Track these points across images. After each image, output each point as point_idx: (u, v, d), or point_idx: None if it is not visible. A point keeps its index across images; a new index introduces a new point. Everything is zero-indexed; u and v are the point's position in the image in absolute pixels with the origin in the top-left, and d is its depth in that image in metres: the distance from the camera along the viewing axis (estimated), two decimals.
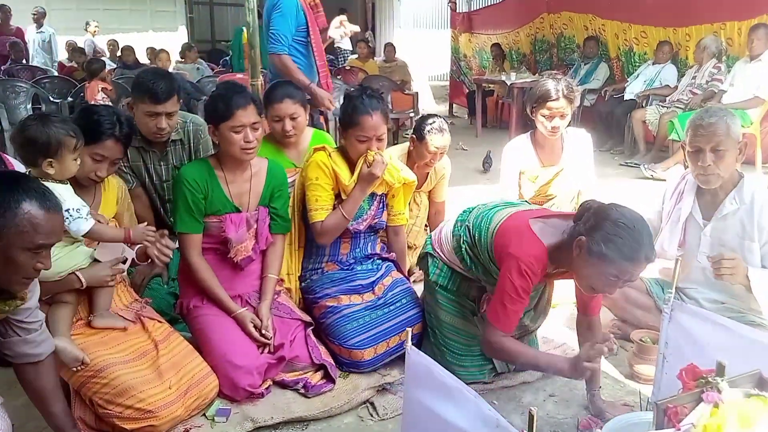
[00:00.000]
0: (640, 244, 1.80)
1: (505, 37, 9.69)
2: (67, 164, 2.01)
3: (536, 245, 1.99)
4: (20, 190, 1.53)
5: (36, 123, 1.98)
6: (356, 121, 2.46)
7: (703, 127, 2.30)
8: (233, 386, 2.25)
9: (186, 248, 2.37)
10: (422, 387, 1.55)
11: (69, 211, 1.96)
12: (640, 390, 2.32)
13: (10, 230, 1.50)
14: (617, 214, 1.82)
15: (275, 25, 3.57)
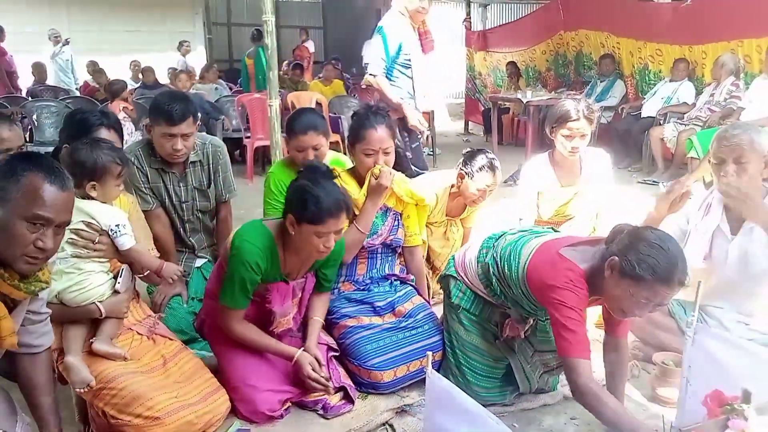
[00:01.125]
0: (674, 265, 1.77)
1: (520, 54, 9.72)
2: (109, 189, 2.13)
3: (575, 271, 1.95)
4: (30, 161, 1.56)
5: (86, 147, 2.11)
6: (362, 136, 2.53)
7: (727, 138, 2.32)
8: (253, 410, 2.26)
9: (229, 320, 2.26)
10: (443, 411, 1.54)
11: (118, 226, 2.08)
12: (663, 414, 2.28)
13: (11, 194, 1.51)
14: (652, 235, 1.82)
15: (373, 49, 3.88)
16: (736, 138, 2.29)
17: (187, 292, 2.87)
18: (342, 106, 7.57)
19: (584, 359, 1.92)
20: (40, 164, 1.57)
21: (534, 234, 2.26)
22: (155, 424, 2.01)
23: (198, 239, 2.99)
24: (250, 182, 6.49)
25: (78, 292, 2.07)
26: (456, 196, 3.19)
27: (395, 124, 2.65)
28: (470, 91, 10.88)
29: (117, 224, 2.09)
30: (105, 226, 2.08)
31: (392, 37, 3.83)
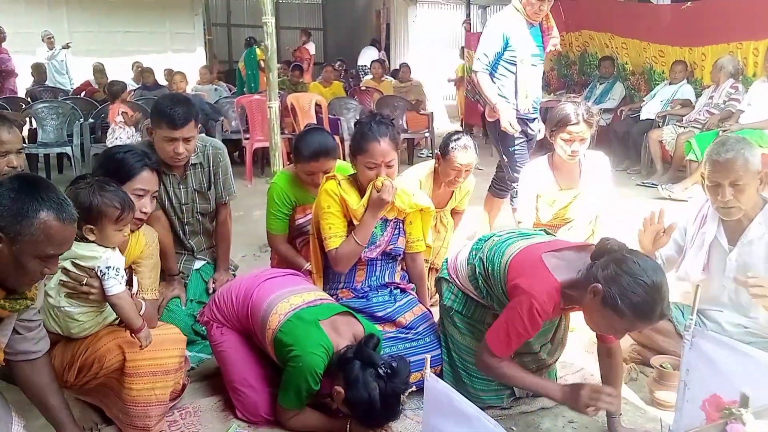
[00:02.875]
0: (656, 303, 1.73)
1: None
2: (107, 234, 2.00)
3: (550, 282, 1.93)
4: (40, 197, 1.54)
5: (86, 188, 1.99)
6: (365, 148, 2.43)
7: (720, 163, 2.26)
8: (252, 412, 2.26)
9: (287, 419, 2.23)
10: (441, 414, 1.54)
11: (110, 269, 1.98)
12: (660, 417, 2.29)
13: (25, 238, 1.52)
14: (638, 269, 1.73)
15: (480, 44, 3.84)
16: (730, 162, 2.24)
17: (186, 295, 2.87)
18: (341, 108, 7.58)
19: (500, 357, 2.03)
20: (49, 199, 1.56)
21: (522, 236, 2.25)
22: None
23: (197, 241, 2.99)
24: (249, 184, 6.49)
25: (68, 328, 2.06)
26: (440, 183, 3.19)
27: (398, 136, 2.56)
28: (470, 92, 10.88)
29: (108, 266, 1.97)
30: (95, 265, 1.98)
31: (498, 31, 3.74)
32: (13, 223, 1.50)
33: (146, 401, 2.10)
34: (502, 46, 3.75)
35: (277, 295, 2.24)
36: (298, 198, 2.90)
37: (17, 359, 1.82)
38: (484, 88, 3.79)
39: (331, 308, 2.26)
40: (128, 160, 2.25)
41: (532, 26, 3.79)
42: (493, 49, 3.75)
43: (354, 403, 2.04)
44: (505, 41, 3.73)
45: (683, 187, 5.57)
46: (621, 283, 1.72)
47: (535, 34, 3.81)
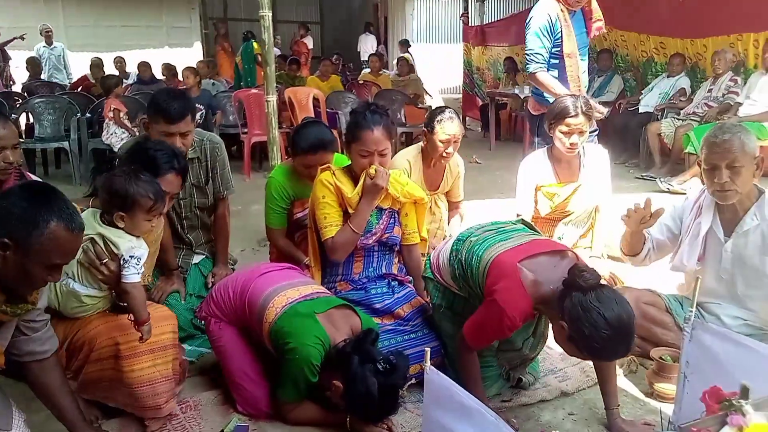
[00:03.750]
0: (616, 349, 1.85)
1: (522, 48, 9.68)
2: (138, 223, 2.07)
3: (522, 299, 1.98)
4: (50, 208, 1.55)
5: (122, 176, 2.05)
6: (358, 136, 2.46)
7: (717, 144, 2.27)
8: (253, 406, 2.27)
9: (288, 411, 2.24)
10: (441, 407, 1.54)
11: (132, 257, 2.03)
12: (660, 408, 2.29)
13: (34, 247, 1.53)
14: (600, 321, 1.77)
15: (527, 44, 3.61)
16: (728, 143, 2.25)
17: (185, 289, 2.87)
18: (339, 102, 7.56)
19: (473, 348, 2.14)
20: (60, 210, 1.57)
21: (500, 234, 2.24)
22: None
23: (196, 236, 2.98)
24: (248, 178, 6.48)
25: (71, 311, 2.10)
26: (429, 162, 3.18)
27: (392, 126, 2.56)
28: (468, 86, 10.87)
29: (132, 255, 2.04)
30: (120, 252, 2.04)
31: (543, 26, 3.54)
32: (23, 231, 1.51)
33: (151, 379, 2.12)
34: (551, 40, 3.56)
35: (274, 289, 2.24)
36: (296, 192, 2.89)
37: (25, 360, 1.82)
38: (546, 84, 3.55)
39: (328, 301, 2.26)
40: (158, 159, 2.28)
41: (573, 13, 3.57)
42: (544, 44, 3.55)
43: (353, 398, 2.04)
44: (552, 35, 3.56)
45: (682, 180, 5.57)
46: (583, 331, 1.80)
47: (576, 21, 3.60)
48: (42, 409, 1.98)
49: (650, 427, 2.15)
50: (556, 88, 3.52)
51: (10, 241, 1.49)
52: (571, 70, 3.58)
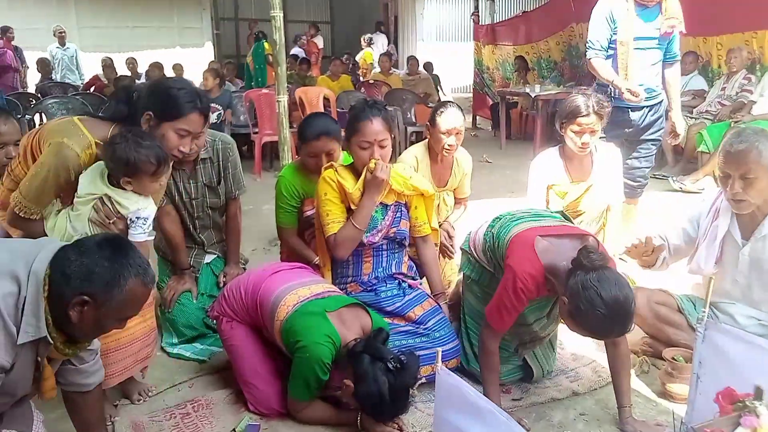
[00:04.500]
0: (610, 328, 1.91)
1: (531, 47, 9.67)
2: (144, 185, 2.10)
3: (534, 264, 2.07)
4: (128, 265, 1.57)
5: (124, 142, 2.03)
6: (357, 128, 2.47)
7: (732, 153, 2.23)
8: (265, 404, 2.28)
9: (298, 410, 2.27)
10: (452, 407, 1.54)
11: (139, 218, 2.08)
12: (673, 410, 2.28)
13: (112, 304, 1.55)
14: (597, 299, 1.83)
15: (589, 31, 3.70)
16: (742, 154, 2.20)
17: (197, 288, 2.89)
18: (349, 102, 7.56)
19: (497, 330, 2.18)
20: (137, 266, 1.59)
21: (534, 217, 2.33)
22: None
23: (207, 236, 3.00)
24: (259, 178, 6.51)
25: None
26: (436, 157, 3.18)
27: (391, 119, 2.55)
28: (478, 85, 10.84)
29: (138, 216, 2.09)
30: (127, 213, 2.09)
31: (603, 15, 3.59)
32: (104, 290, 1.53)
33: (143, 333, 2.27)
34: (610, 29, 3.59)
35: (285, 288, 2.25)
36: (306, 190, 2.90)
37: (69, 389, 1.85)
38: (599, 71, 3.64)
39: (339, 300, 2.27)
40: (180, 99, 2.15)
41: (644, 7, 3.55)
42: (602, 33, 3.61)
43: (363, 397, 2.05)
44: (612, 23, 3.58)
45: (694, 179, 5.53)
46: (580, 306, 1.87)
47: (646, 15, 3.57)
48: (57, 408, 2.00)
49: (662, 428, 2.14)
50: (607, 75, 3.59)
51: (89, 299, 1.52)
52: (621, 58, 3.58)
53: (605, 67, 3.62)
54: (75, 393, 1.84)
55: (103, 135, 2.09)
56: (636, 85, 3.52)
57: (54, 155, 2.02)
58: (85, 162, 2.06)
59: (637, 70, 3.58)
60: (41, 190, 2.04)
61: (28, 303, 1.49)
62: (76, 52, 10.42)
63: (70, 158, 2.02)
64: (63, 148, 2.02)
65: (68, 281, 1.50)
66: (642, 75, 3.60)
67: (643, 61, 3.61)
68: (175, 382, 2.55)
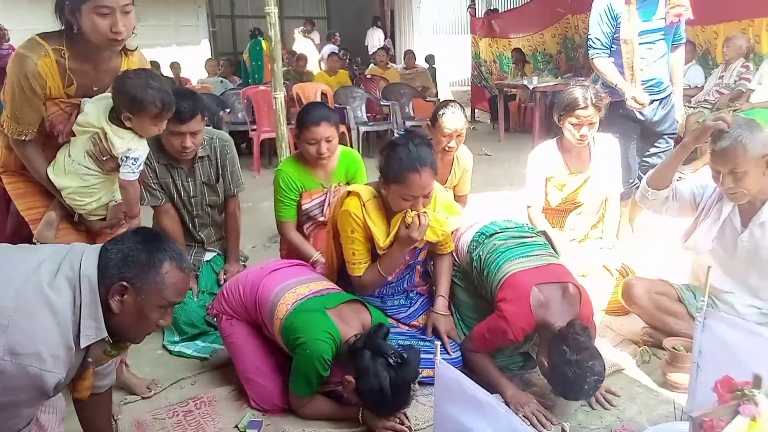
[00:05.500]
0: (571, 398, 2.18)
1: (527, 39, 9.64)
2: (144, 126, 2.10)
3: (528, 321, 2.22)
4: (163, 249, 1.58)
5: (135, 77, 2.05)
6: (401, 179, 2.19)
7: (716, 152, 2.23)
8: (267, 401, 2.29)
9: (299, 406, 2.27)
10: (452, 400, 1.55)
11: (128, 158, 2.09)
12: (673, 399, 2.29)
13: (151, 287, 1.55)
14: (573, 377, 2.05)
15: (590, 28, 3.54)
16: (727, 151, 2.20)
17: (197, 286, 2.89)
18: (347, 97, 7.56)
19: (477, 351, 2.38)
20: (172, 251, 1.60)
21: (521, 247, 2.43)
22: None
23: (207, 233, 3.00)
24: (257, 175, 6.50)
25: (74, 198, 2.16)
26: (435, 155, 3.15)
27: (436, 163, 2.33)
28: (476, 78, 10.82)
29: (128, 156, 2.09)
30: (116, 152, 2.08)
31: (603, 10, 3.41)
32: (141, 274, 1.54)
33: None
34: (611, 25, 3.40)
35: (284, 286, 2.25)
36: (304, 183, 2.90)
37: None
38: (602, 72, 3.46)
39: (338, 297, 2.27)
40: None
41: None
42: (603, 29, 3.42)
43: (365, 393, 2.05)
44: (612, 19, 3.39)
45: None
46: (557, 375, 2.11)
47: (648, 6, 3.36)
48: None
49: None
50: (612, 77, 3.42)
51: (128, 284, 1.52)
52: (626, 56, 3.38)
53: (610, 68, 3.45)
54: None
55: (57, 42, 2.04)
56: (641, 90, 3.36)
57: (14, 66, 2.03)
58: (42, 68, 2.01)
59: (644, 68, 3.40)
60: (16, 104, 2.04)
61: (85, 306, 1.48)
62: None
63: (27, 65, 2.00)
64: (20, 58, 2.02)
65: (107, 271, 1.51)
66: (650, 71, 3.44)
67: (651, 57, 3.44)
68: (177, 379, 2.56)
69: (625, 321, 2.91)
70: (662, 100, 3.55)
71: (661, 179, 2.54)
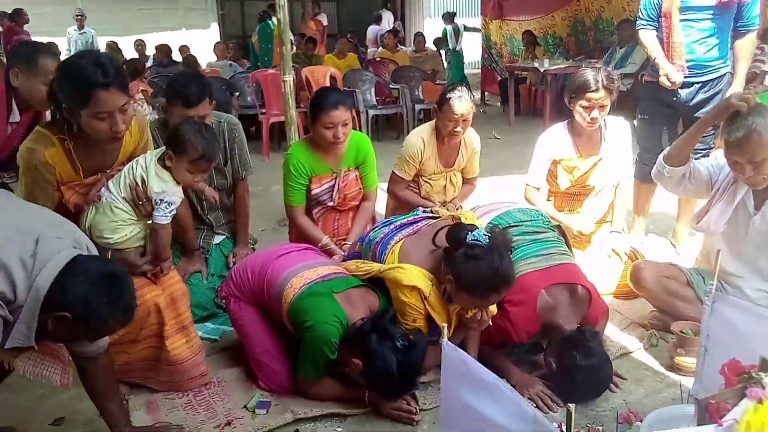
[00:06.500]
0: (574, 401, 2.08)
1: (538, 22, 9.54)
2: (180, 169, 2.20)
3: (532, 323, 2.27)
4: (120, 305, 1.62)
5: (192, 124, 2.25)
6: (479, 294, 2.09)
7: (732, 143, 2.19)
8: (276, 381, 2.32)
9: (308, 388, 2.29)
10: (459, 381, 1.55)
11: (162, 201, 2.17)
12: (680, 382, 2.29)
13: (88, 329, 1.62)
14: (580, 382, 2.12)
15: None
16: (742, 141, 2.15)
17: (207, 269, 2.91)
18: (356, 80, 7.53)
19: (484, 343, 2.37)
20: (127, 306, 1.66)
21: (534, 244, 2.43)
22: None
23: (216, 217, 3.02)
24: (267, 159, 6.51)
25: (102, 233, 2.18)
26: (443, 139, 3.16)
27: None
28: (486, 61, 10.74)
29: (162, 198, 2.16)
30: (151, 193, 2.16)
31: None
32: (88, 318, 1.56)
33: (191, 353, 2.33)
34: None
35: (292, 270, 2.27)
36: (313, 168, 2.91)
37: (76, 356, 1.87)
38: (645, 45, 3.37)
39: (346, 281, 2.29)
40: (83, 78, 1.93)
41: None
42: (650, 1, 3.31)
43: (372, 376, 2.07)
44: None
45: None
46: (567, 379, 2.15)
47: None
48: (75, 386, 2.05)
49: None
50: (652, 51, 3.33)
51: (72, 318, 1.54)
52: (665, 31, 3.28)
53: (652, 42, 3.32)
54: (82, 360, 1.87)
55: (60, 131, 2.10)
56: (676, 68, 3.22)
57: (24, 160, 2.11)
58: (50, 157, 2.07)
59: (683, 45, 3.24)
60: (31, 196, 2.11)
61: (25, 312, 1.51)
62: (92, 37, 10.39)
63: (35, 157, 2.08)
64: (28, 151, 2.10)
65: (60, 297, 1.52)
66: (691, 51, 3.26)
67: (693, 34, 3.25)
68: None
69: (633, 304, 2.91)
70: (706, 83, 3.33)
71: (678, 155, 2.49)
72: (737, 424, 1.26)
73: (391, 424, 2.15)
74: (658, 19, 3.31)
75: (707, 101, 3.34)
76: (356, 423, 2.18)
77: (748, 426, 1.25)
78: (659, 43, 3.32)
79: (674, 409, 1.89)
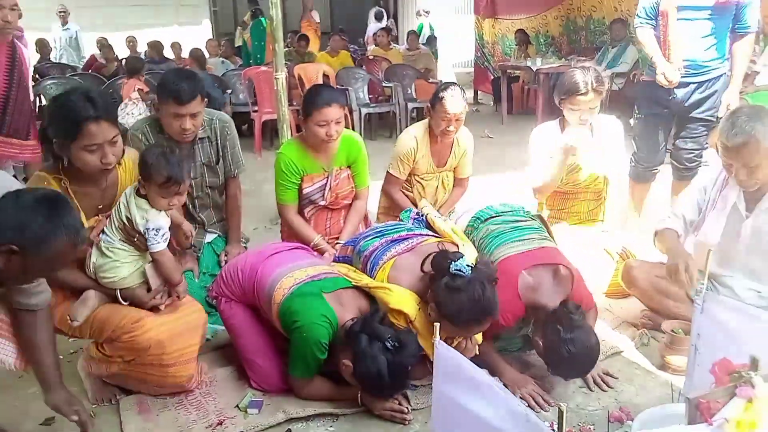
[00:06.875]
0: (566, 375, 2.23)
1: (530, 21, 9.55)
2: (153, 195, 2.15)
3: (516, 306, 2.24)
4: (62, 225, 1.60)
5: (156, 149, 2.20)
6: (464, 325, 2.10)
7: (730, 148, 2.20)
8: (268, 381, 2.31)
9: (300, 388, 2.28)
10: (451, 381, 1.56)
11: (150, 230, 2.13)
12: (671, 381, 2.30)
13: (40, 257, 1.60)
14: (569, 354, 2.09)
15: None
16: (740, 147, 2.16)
17: (199, 268, 2.90)
18: (349, 78, 7.52)
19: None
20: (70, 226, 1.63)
21: (515, 231, 2.43)
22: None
23: (207, 215, 3.00)
24: (259, 156, 6.49)
25: (105, 273, 2.16)
26: (436, 138, 3.16)
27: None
28: (479, 59, 10.75)
29: (148, 227, 2.13)
30: (137, 225, 2.13)
31: None
32: (34, 245, 1.57)
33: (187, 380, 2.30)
34: None
35: (282, 270, 2.26)
36: (305, 167, 2.90)
37: (17, 307, 1.85)
38: (642, 43, 3.40)
39: (335, 282, 2.28)
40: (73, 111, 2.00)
41: None
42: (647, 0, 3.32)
43: (362, 377, 2.07)
44: None
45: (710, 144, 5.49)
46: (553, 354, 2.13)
47: None
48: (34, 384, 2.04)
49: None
50: (649, 49, 3.33)
51: (18, 249, 1.55)
52: (662, 29, 3.28)
53: (650, 40, 3.33)
54: (22, 311, 1.85)
55: (56, 171, 2.13)
56: (672, 68, 3.23)
57: None
58: None
59: (680, 44, 3.23)
60: None
61: None
62: (76, 33, 10.32)
63: None
64: None
65: (0, 229, 1.53)
66: (687, 50, 3.25)
67: (690, 34, 3.24)
68: None
69: (624, 304, 2.92)
70: (702, 83, 3.34)
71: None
72: (727, 423, 1.27)
73: (383, 423, 2.15)
74: (657, 18, 3.32)
75: (703, 101, 3.36)
76: (348, 423, 2.18)
77: (739, 425, 1.26)
78: (657, 42, 3.34)
79: (665, 408, 1.90)
